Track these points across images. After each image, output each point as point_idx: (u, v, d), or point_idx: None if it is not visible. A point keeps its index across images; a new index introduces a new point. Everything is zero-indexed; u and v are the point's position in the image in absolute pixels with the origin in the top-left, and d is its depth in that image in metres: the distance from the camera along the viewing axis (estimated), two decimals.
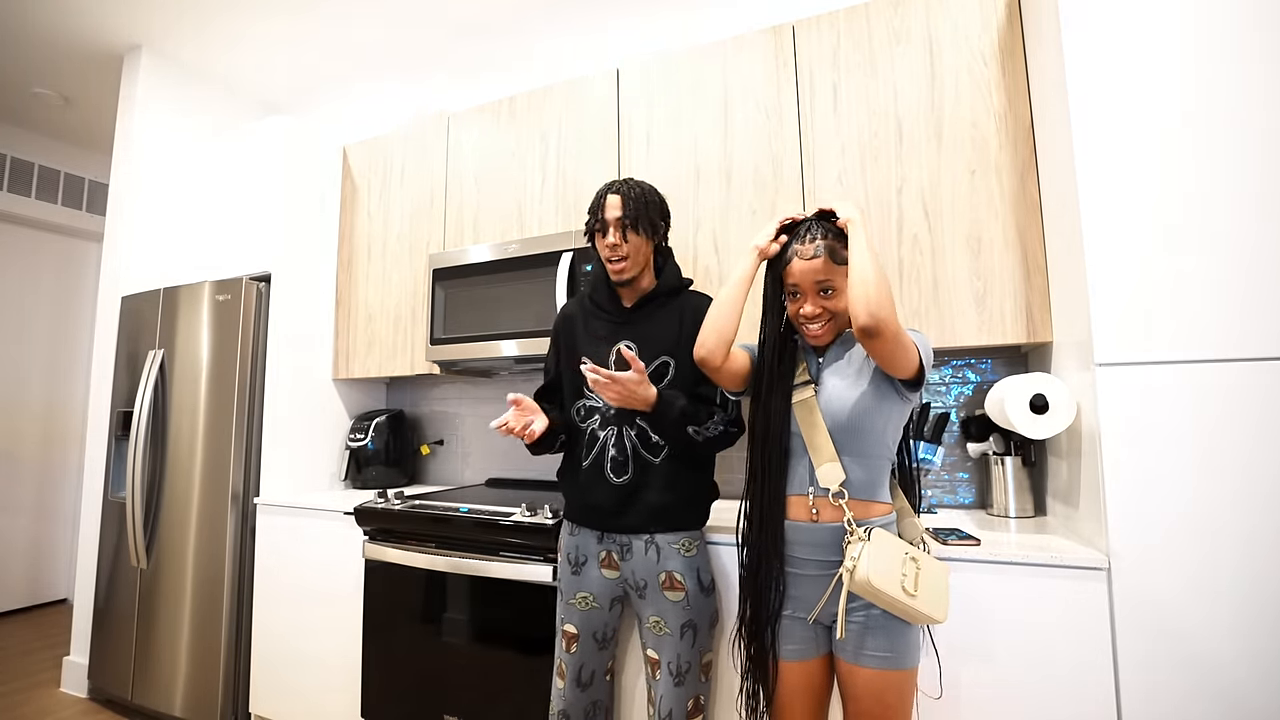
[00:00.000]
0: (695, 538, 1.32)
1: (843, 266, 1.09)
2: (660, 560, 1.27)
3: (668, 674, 1.25)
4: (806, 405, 1.11)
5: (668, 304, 1.35)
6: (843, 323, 1.12)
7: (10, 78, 2.93)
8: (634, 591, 1.30)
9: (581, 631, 1.32)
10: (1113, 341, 1.14)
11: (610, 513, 1.29)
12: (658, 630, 1.27)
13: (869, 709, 1.03)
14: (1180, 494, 1.08)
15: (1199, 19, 1.14)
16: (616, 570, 1.31)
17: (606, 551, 1.32)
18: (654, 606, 1.27)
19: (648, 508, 1.28)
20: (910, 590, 0.98)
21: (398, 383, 2.65)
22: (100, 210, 3.65)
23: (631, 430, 1.30)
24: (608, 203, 1.31)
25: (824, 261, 1.08)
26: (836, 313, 1.10)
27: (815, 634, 1.10)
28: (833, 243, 1.09)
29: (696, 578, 1.28)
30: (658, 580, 1.27)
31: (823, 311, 1.10)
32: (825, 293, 1.10)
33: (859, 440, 1.08)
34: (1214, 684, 1.04)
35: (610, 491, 1.29)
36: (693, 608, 1.27)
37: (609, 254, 1.30)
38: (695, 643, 1.27)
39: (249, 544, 2.09)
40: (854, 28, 1.66)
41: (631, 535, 1.30)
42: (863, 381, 1.09)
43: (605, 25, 2.40)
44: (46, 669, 2.64)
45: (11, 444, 3.44)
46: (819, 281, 1.09)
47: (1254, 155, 1.09)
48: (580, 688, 1.32)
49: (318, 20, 2.56)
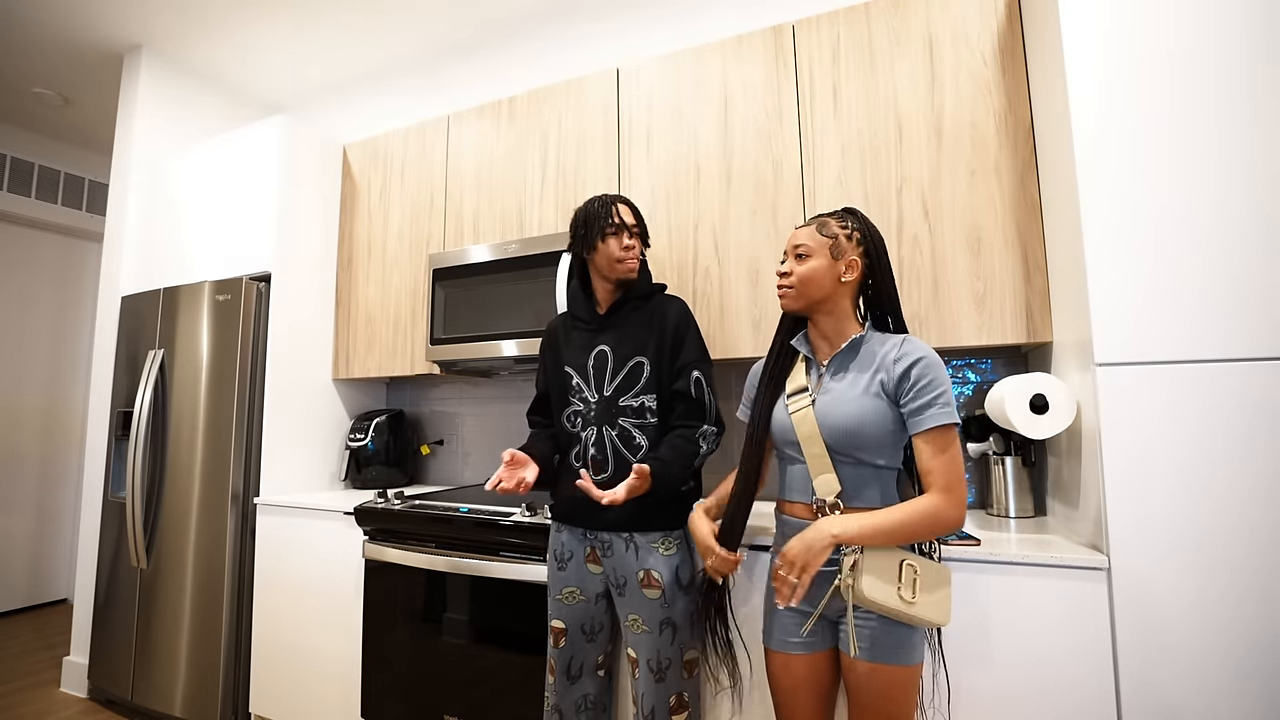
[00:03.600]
0: (675, 537, 1.33)
1: (828, 239, 1.12)
2: (639, 558, 1.30)
3: (647, 670, 1.27)
4: (803, 415, 1.11)
5: (641, 307, 1.41)
6: (813, 296, 1.12)
7: (10, 78, 2.93)
8: (615, 589, 1.33)
9: (569, 625, 1.35)
10: (1113, 341, 1.14)
11: (590, 509, 1.30)
12: (636, 628, 1.29)
13: (873, 704, 1.03)
14: (1181, 494, 1.08)
15: (1198, 20, 1.14)
16: (600, 566, 1.35)
17: (590, 548, 1.36)
18: (633, 605, 1.30)
19: (623, 508, 1.25)
20: (908, 598, 0.98)
21: (398, 383, 2.65)
22: (100, 210, 3.65)
23: (613, 430, 1.34)
24: (620, 209, 1.40)
25: (810, 230, 1.14)
26: (803, 279, 1.12)
27: (820, 628, 1.10)
28: (831, 220, 1.14)
29: (675, 576, 1.30)
30: (636, 578, 1.29)
31: (789, 273, 1.13)
32: (799, 257, 1.13)
33: (859, 450, 1.07)
34: (1214, 684, 1.04)
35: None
36: (670, 606, 1.28)
37: (624, 254, 1.37)
38: (675, 640, 1.28)
39: (249, 544, 2.09)
40: (854, 28, 1.66)
41: (612, 533, 1.32)
42: (863, 393, 1.07)
43: (605, 25, 2.40)
44: (46, 669, 2.64)
45: (12, 443, 3.44)
46: (796, 245, 1.14)
47: (1254, 155, 1.09)
48: (570, 680, 1.34)
49: (318, 20, 2.56)
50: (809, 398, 1.12)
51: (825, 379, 1.14)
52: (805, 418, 1.10)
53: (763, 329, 1.68)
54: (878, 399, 1.06)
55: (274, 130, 2.27)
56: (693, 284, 1.78)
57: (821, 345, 1.17)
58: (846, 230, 1.12)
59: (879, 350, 1.10)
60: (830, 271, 1.11)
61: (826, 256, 1.11)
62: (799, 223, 1.66)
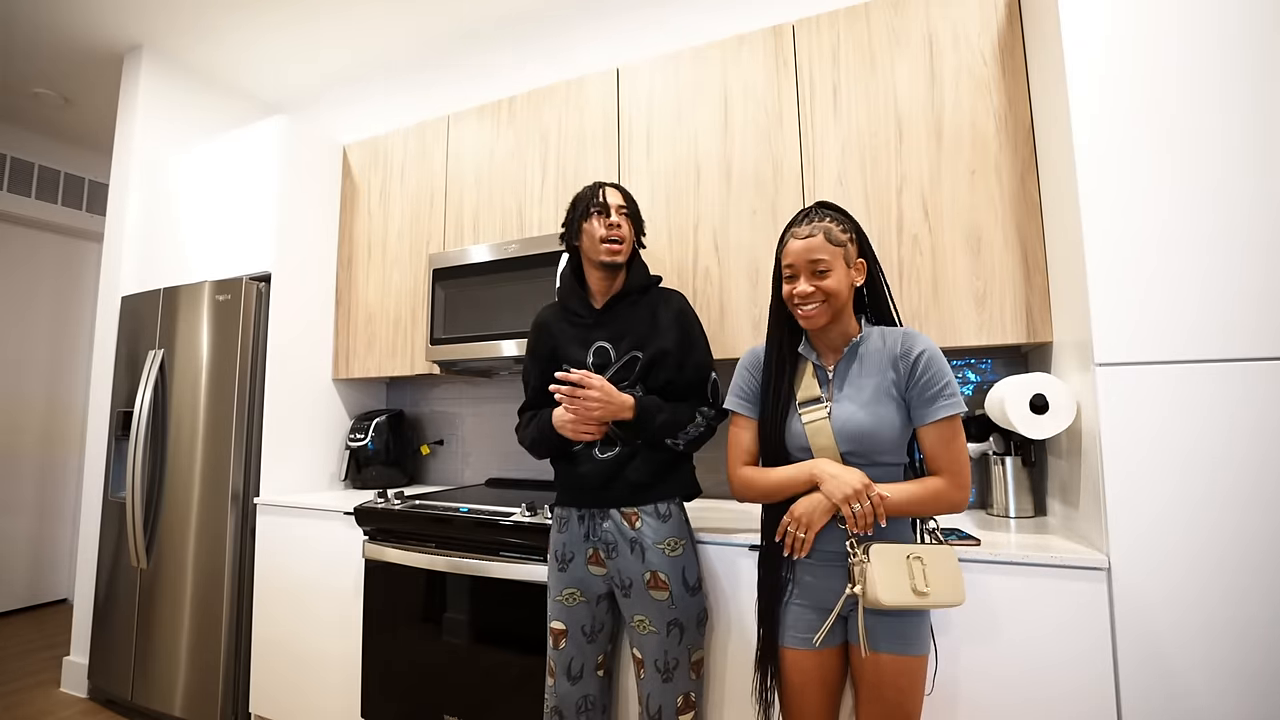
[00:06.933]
0: (681, 537, 1.33)
1: (839, 248, 1.08)
2: (645, 560, 1.29)
3: (655, 671, 1.27)
4: (818, 427, 1.09)
5: (639, 301, 1.40)
6: (838, 308, 1.10)
7: (10, 78, 2.93)
8: (619, 590, 1.32)
9: (569, 626, 1.34)
10: (1113, 341, 1.14)
11: (596, 486, 1.32)
12: (642, 629, 1.29)
13: (883, 695, 1.04)
14: (1181, 494, 1.08)
15: (1198, 20, 1.14)
16: (603, 568, 1.34)
17: (594, 549, 1.34)
18: (639, 606, 1.29)
19: (628, 482, 1.31)
20: (921, 589, 0.98)
21: (398, 383, 2.65)
22: (100, 210, 3.65)
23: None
24: (607, 192, 1.38)
25: (820, 240, 1.08)
26: (830, 294, 1.07)
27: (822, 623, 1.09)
28: (829, 225, 1.09)
29: (681, 577, 1.30)
30: (643, 580, 1.29)
31: (815, 291, 1.07)
32: (820, 273, 1.08)
33: (873, 454, 1.08)
34: (1214, 684, 1.04)
35: (595, 467, 1.32)
36: (677, 607, 1.28)
37: (609, 234, 1.34)
38: (683, 640, 1.28)
39: (249, 544, 2.09)
40: (854, 28, 1.66)
41: (616, 524, 1.31)
42: (877, 399, 1.08)
43: (605, 25, 2.40)
44: (46, 669, 2.64)
45: (12, 443, 3.44)
46: (813, 260, 1.07)
47: (1254, 155, 1.09)
48: (571, 681, 1.33)
49: (319, 20, 2.56)
50: (824, 408, 1.10)
51: (835, 387, 1.13)
52: (821, 429, 1.09)
53: (762, 329, 1.65)
54: (890, 401, 1.08)
55: (274, 130, 2.27)
56: (693, 284, 1.78)
57: (826, 351, 1.16)
58: (847, 234, 1.11)
59: (882, 347, 1.11)
60: (846, 279, 1.10)
61: (842, 265, 1.09)
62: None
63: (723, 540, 1.39)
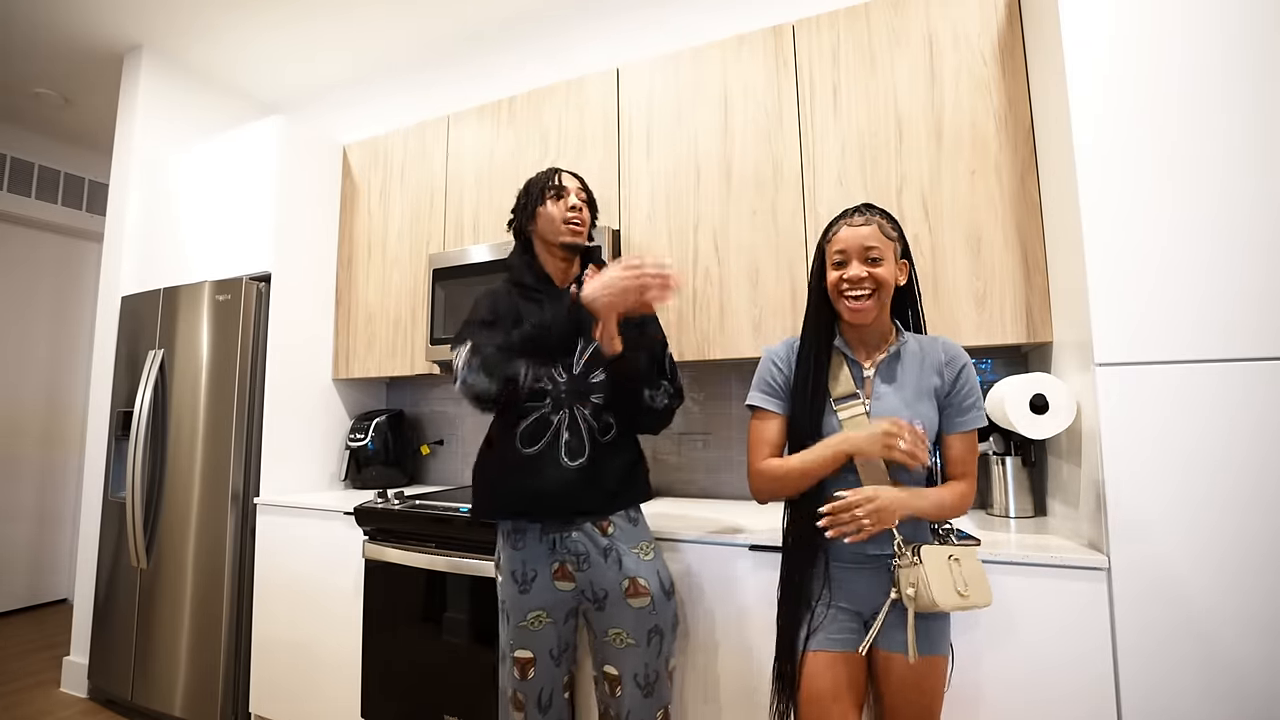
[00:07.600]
0: (650, 540, 1.30)
1: (891, 243, 1.08)
2: (622, 567, 1.23)
3: (634, 686, 1.20)
4: (856, 423, 1.07)
5: None
6: (885, 302, 1.08)
7: (10, 78, 2.93)
8: (592, 604, 1.24)
9: (537, 653, 1.24)
10: (1113, 341, 1.14)
11: (563, 497, 1.22)
12: (619, 642, 1.22)
13: (909, 696, 1.03)
14: (1181, 494, 1.08)
15: (1198, 18, 1.14)
16: (572, 581, 1.25)
17: (560, 562, 1.25)
18: (615, 618, 1.22)
19: (603, 490, 1.24)
20: (963, 592, 0.98)
21: (398, 383, 2.65)
22: (100, 210, 3.65)
23: (585, 409, 1.27)
24: (563, 178, 1.35)
25: (874, 230, 1.07)
26: (881, 283, 1.06)
27: (859, 626, 1.08)
28: (882, 220, 1.09)
29: (659, 580, 1.25)
30: (620, 588, 1.22)
31: (868, 277, 1.05)
32: (873, 260, 1.06)
33: None
34: (1215, 684, 1.04)
35: (563, 476, 1.22)
36: (658, 612, 1.23)
37: (570, 215, 1.31)
38: (662, 650, 1.23)
39: (249, 544, 2.09)
40: (854, 28, 1.66)
41: (587, 534, 1.24)
42: (919, 399, 1.08)
43: (605, 25, 2.40)
44: (46, 669, 2.64)
45: (12, 444, 3.44)
46: (867, 247, 1.06)
47: (1255, 154, 1.09)
48: (542, 712, 1.25)
49: (319, 20, 2.56)
50: (861, 405, 1.09)
51: (874, 384, 1.11)
52: (859, 425, 1.07)
53: (763, 329, 1.68)
54: (931, 404, 1.09)
55: (274, 130, 2.27)
56: (693, 284, 1.78)
57: (860, 347, 1.14)
58: (896, 233, 1.11)
59: (918, 351, 1.12)
60: (893, 275, 1.09)
61: (893, 260, 1.09)
62: (806, 221, 1.66)
63: (720, 540, 1.38)
